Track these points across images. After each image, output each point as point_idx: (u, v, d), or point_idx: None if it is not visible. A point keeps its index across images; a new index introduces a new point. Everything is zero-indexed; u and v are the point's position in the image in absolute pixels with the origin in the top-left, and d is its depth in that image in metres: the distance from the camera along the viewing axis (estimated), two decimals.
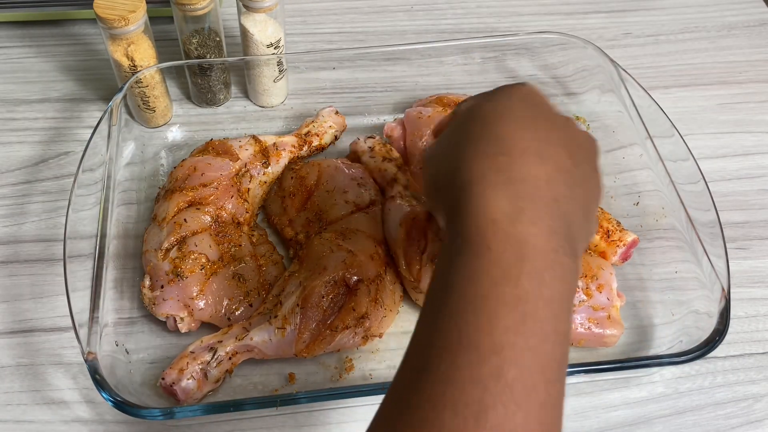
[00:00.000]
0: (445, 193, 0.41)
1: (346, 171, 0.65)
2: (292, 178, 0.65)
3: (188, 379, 0.52)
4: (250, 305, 0.58)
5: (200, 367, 0.53)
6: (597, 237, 0.62)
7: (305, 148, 0.68)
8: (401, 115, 0.69)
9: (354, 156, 0.68)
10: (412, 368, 0.36)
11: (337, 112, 0.71)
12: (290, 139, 0.68)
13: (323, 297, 0.55)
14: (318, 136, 0.69)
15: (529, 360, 0.34)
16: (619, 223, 0.62)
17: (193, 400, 0.53)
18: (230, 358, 0.54)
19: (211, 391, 0.55)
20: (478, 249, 0.36)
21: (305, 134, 0.69)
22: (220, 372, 0.54)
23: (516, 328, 0.34)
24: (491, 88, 0.68)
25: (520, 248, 0.35)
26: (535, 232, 0.36)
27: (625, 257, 0.62)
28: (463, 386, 0.33)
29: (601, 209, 0.63)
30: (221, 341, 0.54)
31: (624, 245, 0.61)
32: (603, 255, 0.62)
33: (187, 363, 0.53)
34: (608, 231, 0.61)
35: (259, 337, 0.54)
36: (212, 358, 0.53)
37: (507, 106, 0.42)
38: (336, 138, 0.71)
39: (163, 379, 0.53)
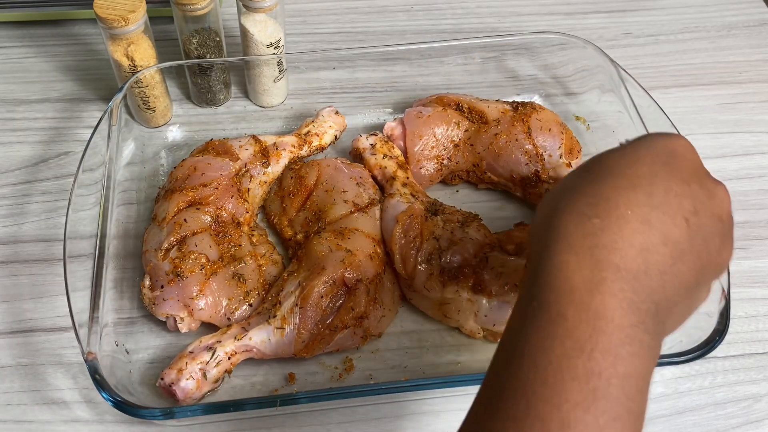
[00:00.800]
0: (536, 243, 0.39)
1: (346, 171, 0.65)
2: (291, 177, 0.65)
3: (187, 379, 0.52)
4: (250, 305, 0.58)
5: (199, 367, 0.53)
6: None
7: (305, 147, 0.68)
8: (401, 115, 0.69)
9: (355, 152, 0.68)
10: (477, 412, 0.36)
11: (337, 112, 0.71)
12: (290, 139, 0.68)
13: (322, 297, 0.55)
14: (318, 135, 0.69)
15: None
16: None
17: (192, 401, 0.53)
18: (229, 359, 0.54)
19: (211, 391, 0.55)
20: (553, 316, 0.35)
21: (305, 134, 0.69)
22: (219, 372, 0.54)
23: (586, 405, 0.33)
24: (488, 89, 0.67)
25: (596, 321, 0.34)
26: (614, 305, 0.35)
27: None
28: None
29: None
30: (220, 341, 0.54)
31: None
32: None
33: (186, 363, 0.53)
34: None
35: (258, 337, 0.54)
36: (211, 358, 0.53)
37: (634, 160, 0.39)
38: (336, 138, 0.71)
39: (162, 379, 0.53)
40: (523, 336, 0.36)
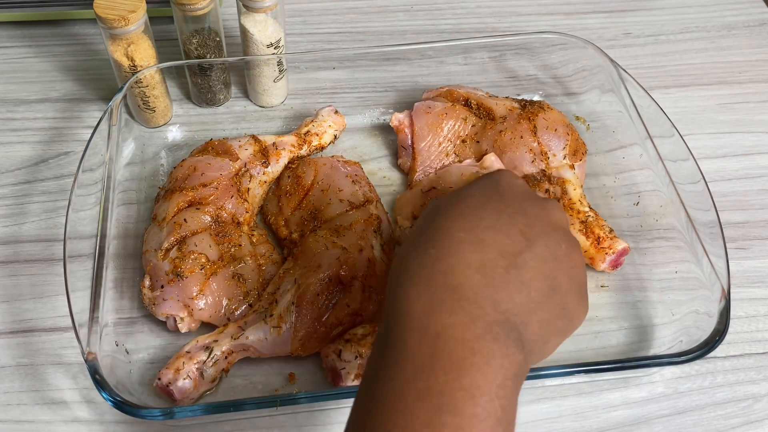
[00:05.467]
0: (390, 285, 0.41)
1: (342, 169, 0.65)
2: (288, 177, 0.65)
3: (184, 379, 0.53)
4: (250, 305, 0.58)
5: (196, 366, 0.53)
6: (587, 243, 0.61)
7: (305, 147, 0.68)
8: (401, 115, 0.69)
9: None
10: None
11: (336, 112, 0.71)
12: (290, 139, 0.68)
13: (318, 295, 0.56)
14: (317, 135, 0.69)
15: None
16: (611, 231, 0.62)
17: (190, 400, 0.53)
18: (226, 358, 0.54)
19: (208, 391, 0.55)
20: (396, 344, 0.37)
21: (305, 134, 0.69)
22: (217, 371, 0.54)
23: (430, 422, 0.34)
24: (488, 89, 0.68)
25: (435, 342, 0.36)
26: (453, 322, 0.36)
27: (614, 265, 0.62)
28: None
29: (596, 214, 0.63)
30: (217, 340, 0.54)
31: (614, 253, 0.61)
32: (592, 262, 0.61)
33: (183, 363, 0.53)
34: (599, 238, 0.61)
35: (255, 336, 0.54)
36: (208, 358, 0.54)
37: (462, 196, 0.43)
38: (335, 137, 0.71)
39: (159, 379, 0.53)
40: (376, 368, 0.38)
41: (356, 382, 0.53)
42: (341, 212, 0.62)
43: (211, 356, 0.54)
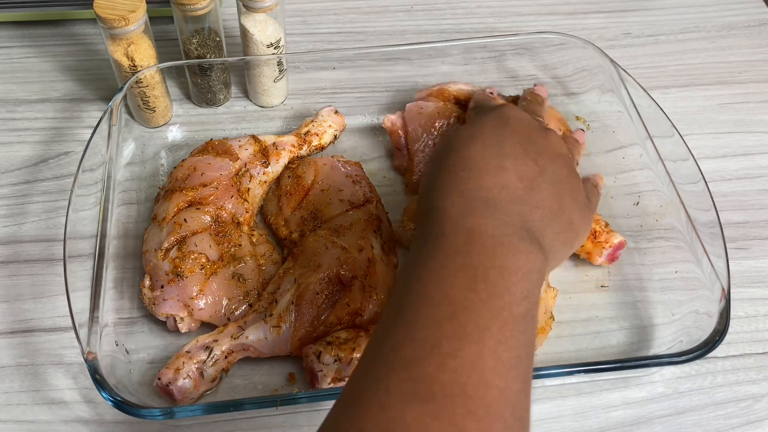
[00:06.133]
0: (422, 203, 0.47)
1: (342, 169, 0.65)
2: (289, 177, 0.65)
3: (184, 379, 0.52)
4: (250, 305, 0.58)
5: (196, 366, 0.53)
6: None
7: (305, 147, 0.68)
8: (393, 116, 0.69)
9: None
10: (382, 324, 0.41)
11: (336, 112, 0.71)
12: (290, 139, 0.68)
13: (318, 294, 0.56)
14: (317, 135, 0.69)
15: (482, 309, 0.39)
16: (607, 225, 0.62)
17: (190, 400, 0.53)
18: (226, 357, 0.54)
19: (208, 390, 0.55)
20: (436, 238, 0.42)
21: (305, 134, 0.69)
22: (216, 371, 0.54)
23: (467, 286, 0.39)
24: (489, 86, 0.67)
25: (470, 233, 0.42)
26: (485, 222, 0.42)
27: (612, 258, 0.62)
28: (420, 326, 0.38)
29: None
30: (217, 340, 0.54)
31: (610, 247, 0.61)
32: (589, 256, 0.62)
33: (183, 363, 0.53)
34: (595, 232, 0.61)
35: (255, 335, 0.54)
36: (208, 358, 0.54)
37: (478, 129, 0.48)
38: (335, 137, 0.71)
39: (159, 379, 0.53)
40: (416, 257, 0.43)
41: (332, 386, 0.53)
42: (341, 212, 0.62)
43: (211, 356, 0.54)
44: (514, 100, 0.69)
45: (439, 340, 0.37)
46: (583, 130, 0.67)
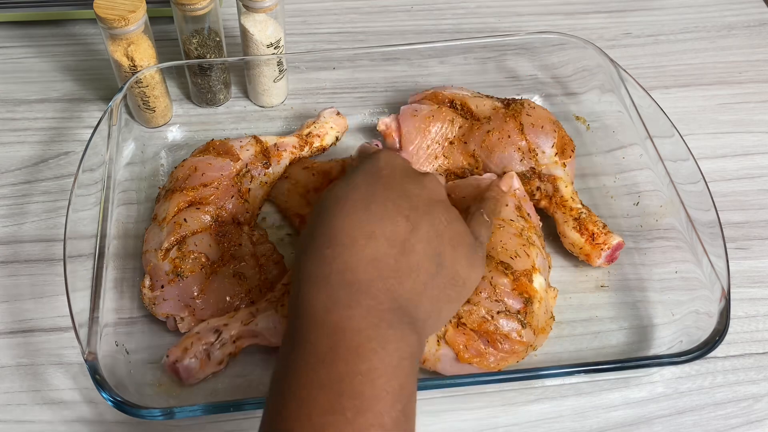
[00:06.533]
0: (292, 285, 0.44)
1: None
2: (313, 174, 0.66)
3: (191, 358, 0.53)
4: (252, 303, 0.58)
5: (204, 347, 0.54)
6: (582, 240, 0.62)
7: (306, 148, 0.68)
8: (388, 119, 0.69)
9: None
10: None
11: (338, 113, 0.71)
12: (291, 140, 0.68)
13: None
14: (319, 137, 0.69)
15: None
16: (605, 226, 0.62)
17: (195, 380, 0.54)
18: (234, 342, 0.55)
19: (215, 374, 0.55)
20: (300, 341, 0.40)
21: (306, 135, 0.69)
22: (223, 354, 0.54)
23: (332, 408, 0.37)
24: (488, 89, 0.67)
25: (335, 333, 0.39)
26: (350, 314, 0.39)
27: (610, 260, 0.62)
28: None
29: (589, 211, 0.63)
30: (227, 324, 0.55)
31: (609, 248, 0.61)
32: (588, 258, 0.62)
33: (192, 343, 0.54)
34: (593, 234, 0.61)
35: (265, 323, 0.55)
36: (216, 340, 0.54)
37: (347, 188, 0.45)
38: (337, 139, 0.71)
39: (167, 356, 0.54)
40: (281, 366, 0.40)
41: None
42: None
43: (220, 339, 0.54)
44: (508, 102, 0.69)
45: None
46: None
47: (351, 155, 0.66)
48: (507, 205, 0.59)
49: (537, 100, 0.76)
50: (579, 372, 0.51)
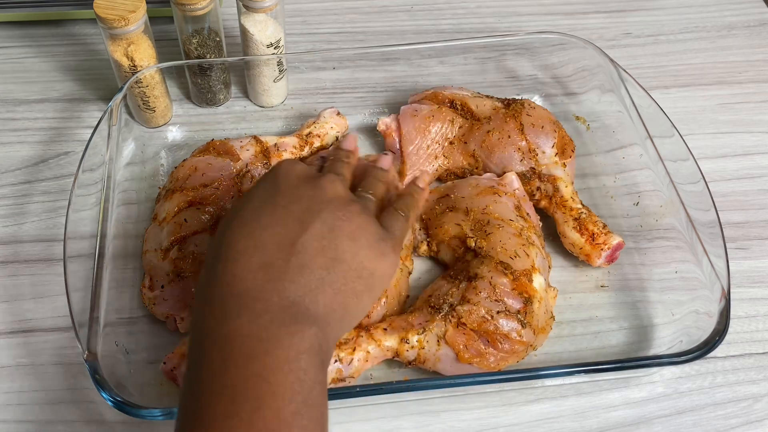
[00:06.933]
0: (192, 320, 0.44)
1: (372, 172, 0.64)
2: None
3: None
4: None
5: None
6: (582, 240, 0.62)
7: (306, 149, 0.68)
8: (388, 119, 0.69)
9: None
10: None
11: (339, 113, 0.71)
12: (292, 140, 0.68)
13: None
14: (319, 137, 0.69)
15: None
16: (605, 226, 0.62)
17: None
18: None
19: None
20: (196, 358, 0.41)
21: (306, 135, 0.69)
22: None
23: (228, 413, 0.37)
24: (488, 89, 0.67)
25: (225, 343, 0.40)
26: (240, 323, 0.40)
27: (610, 260, 0.62)
28: None
29: (589, 211, 0.63)
30: None
31: (609, 248, 0.61)
32: (588, 258, 0.62)
33: None
34: (593, 234, 0.61)
35: None
36: None
37: (239, 206, 0.46)
38: (337, 139, 0.71)
39: (164, 363, 0.53)
40: (183, 386, 0.41)
41: (332, 385, 0.53)
42: None
43: None
44: (508, 102, 0.69)
45: None
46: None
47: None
48: (422, 202, 0.58)
49: (537, 100, 0.76)
50: (579, 372, 0.51)
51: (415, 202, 0.55)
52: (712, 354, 0.54)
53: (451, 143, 0.68)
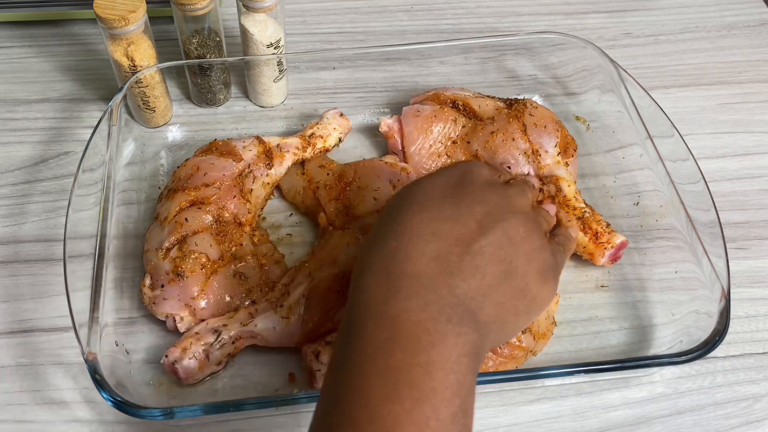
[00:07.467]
0: (352, 289, 0.43)
1: (385, 171, 0.65)
2: (328, 174, 0.65)
3: (190, 359, 0.53)
4: (254, 302, 0.58)
5: (203, 348, 0.54)
6: (585, 239, 0.62)
7: (309, 149, 0.68)
8: (390, 120, 0.69)
9: None
10: None
11: (341, 114, 0.71)
12: (294, 141, 0.68)
13: (330, 289, 0.56)
14: (322, 138, 0.69)
15: (406, 423, 0.36)
16: (608, 225, 0.62)
17: (194, 380, 0.54)
18: (233, 342, 0.55)
19: (214, 374, 0.55)
20: (357, 330, 0.39)
21: (309, 136, 0.69)
22: (223, 355, 0.54)
23: (389, 396, 0.36)
24: (488, 89, 0.66)
25: (393, 323, 0.38)
26: (409, 306, 0.39)
27: (614, 258, 0.62)
28: None
29: (592, 210, 0.63)
30: (226, 325, 0.55)
31: (612, 247, 0.61)
32: (591, 257, 0.62)
33: (191, 343, 0.54)
34: (597, 233, 0.61)
35: (264, 324, 0.55)
36: (215, 340, 0.54)
37: (424, 187, 0.45)
38: (340, 140, 0.71)
39: (166, 356, 0.54)
40: (338, 356, 0.40)
41: None
42: (372, 211, 0.62)
43: (219, 339, 0.54)
44: (511, 102, 0.69)
45: None
46: (553, 204, 0.64)
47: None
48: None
49: (537, 100, 0.76)
50: (579, 372, 0.51)
51: (570, 245, 0.55)
52: (712, 354, 0.54)
53: (453, 143, 0.68)
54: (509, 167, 0.66)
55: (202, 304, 0.56)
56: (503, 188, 0.46)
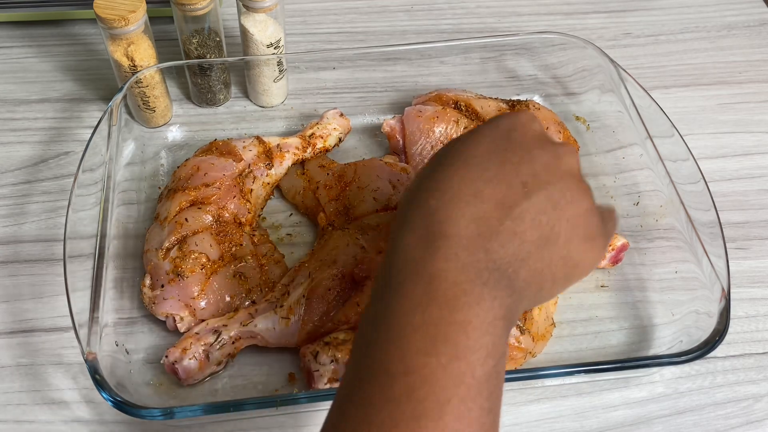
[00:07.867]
0: (390, 246, 0.42)
1: (385, 171, 0.65)
2: (328, 174, 0.65)
3: (190, 359, 0.53)
4: (253, 302, 0.58)
5: (203, 348, 0.54)
6: None
7: (309, 150, 0.68)
8: (392, 121, 0.69)
9: None
10: (341, 396, 0.39)
11: (342, 114, 0.71)
12: (294, 141, 0.68)
13: (329, 290, 0.56)
14: (322, 138, 0.69)
15: (442, 377, 0.36)
16: None
17: (194, 380, 0.54)
18: (233, 343, 0.55)
19: (214, 374, 0.55)
20: (394, 286, 0.39)
21: (309, 136, 0.69)
22: (222, 355, 0.55)
23: (426, 350, 0.36)
24: (488, 89, 0.66)
25: (430, 282, 0.38)
26: (447, 266, 0.38)
27: (615, 261, 0.62)
28: (379, 407, 0.36)
29: None
30: (226, 325, 0.55)
31: (613, 249, 0.61)
32: None
33: (191, 343, 0.54)
34: None
35: (264, 324, 0.55)
36: (215, 341, 0.54)
37: (475, 142, 0.43)
38: (340, 140, 0.71)
39: (166, 356, 0.54)
40: (374, 309, 0.40)
41: (329, 386, 0.53)
42: (371, 211, 0.62)
43: (219, 340, 0.54)
44: (513, 103, 0.69)
45: (397, 423, 0.35)
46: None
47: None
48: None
49: (537, 100, 0.76)
50: (579, 372, 0.51)
51: (617, 218, 0.52)
52: (712, 354, 0.54)
53: None
54: None
55: (202, 304, 0.56)
56: (553, 147, 0.43)
